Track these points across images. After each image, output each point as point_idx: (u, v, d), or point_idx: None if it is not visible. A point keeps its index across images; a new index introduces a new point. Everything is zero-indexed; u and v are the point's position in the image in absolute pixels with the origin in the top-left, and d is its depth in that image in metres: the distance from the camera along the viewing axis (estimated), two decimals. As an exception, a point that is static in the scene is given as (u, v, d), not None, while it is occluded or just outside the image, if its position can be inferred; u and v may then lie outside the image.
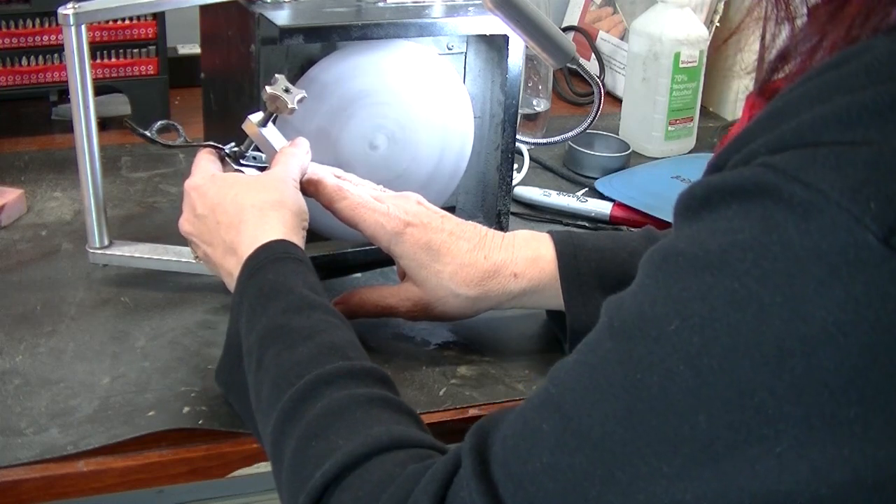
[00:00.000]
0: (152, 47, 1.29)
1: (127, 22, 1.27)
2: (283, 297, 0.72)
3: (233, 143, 0.92)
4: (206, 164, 0.89)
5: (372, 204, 0.85)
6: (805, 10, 0.52)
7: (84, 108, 0.90)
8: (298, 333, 0.69)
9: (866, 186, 0.41)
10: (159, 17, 1.29)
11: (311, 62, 0.97)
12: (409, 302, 0.86)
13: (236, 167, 0.91)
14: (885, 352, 0.40)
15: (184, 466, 0.77)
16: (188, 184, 0.86)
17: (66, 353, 0.87)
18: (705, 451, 0.44)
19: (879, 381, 0.41)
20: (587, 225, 1.18)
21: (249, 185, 0.83)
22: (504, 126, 1.04)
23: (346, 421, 0.62)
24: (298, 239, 0.79)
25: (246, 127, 0.89)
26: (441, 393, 0.84)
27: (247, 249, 0.77)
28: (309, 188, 0.87)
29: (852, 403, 0.41)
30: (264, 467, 0.79)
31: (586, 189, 1.25)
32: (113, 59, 1.27)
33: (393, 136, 1.00)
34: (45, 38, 1.24)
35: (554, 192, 1.21)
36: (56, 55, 1.25)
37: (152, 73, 1.31)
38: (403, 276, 0.89)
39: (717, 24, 1.47)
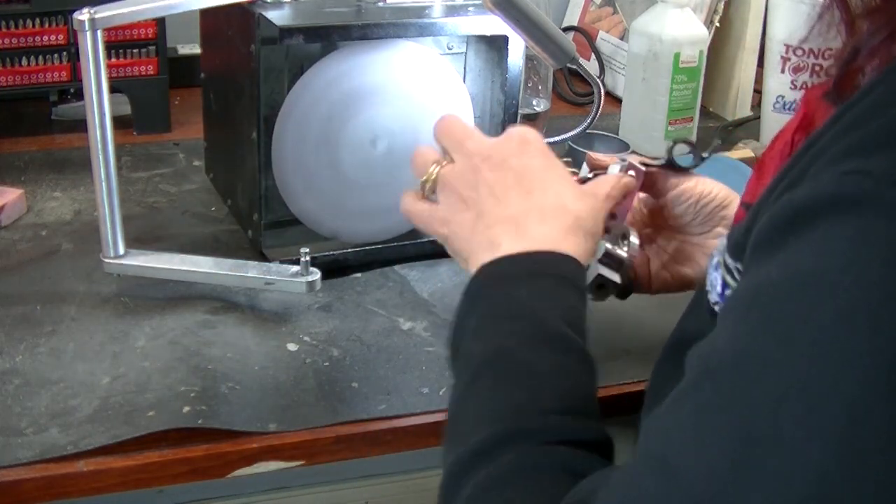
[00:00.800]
0: (152, 47, 1.30)
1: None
2: (533, 323, 0.63)
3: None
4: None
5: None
6: (866, 8, 0.51)
7: (100, 114, 0.89)
8: (529, 370, 0.61)
9: None
10: (159, 18, 1.29)
11: (311, 62, 0.97)
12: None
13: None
14: None
15: (184, 466, 0.77)
16: (471, 142, 0.73)
17: (66, 353, 0.87)
18: (822, 487, 0.41)
19: None
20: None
21: (559, 181, 0.72)
22: (504, 126, 1.04)
23: (528, 483, 0.55)
24: (579, 254, 0.69)
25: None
26: (441, 393, 0.85)
27: (525, 240, 0.66)
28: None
29: None
30: (264, 467, 0.79)
31: (586, 189, 1.25)
32: (113, 59, 1.27)
33: (393, 136, 1.00)
34: (45, 38, 1.24)
35: (554, 192, 1.21)
36: (56, 55, 1.25)
37: (152, 73, 1.31)
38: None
39: (717, 24, 1.47)
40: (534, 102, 1.39)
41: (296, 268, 0.94)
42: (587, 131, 1.05)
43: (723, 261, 0.59)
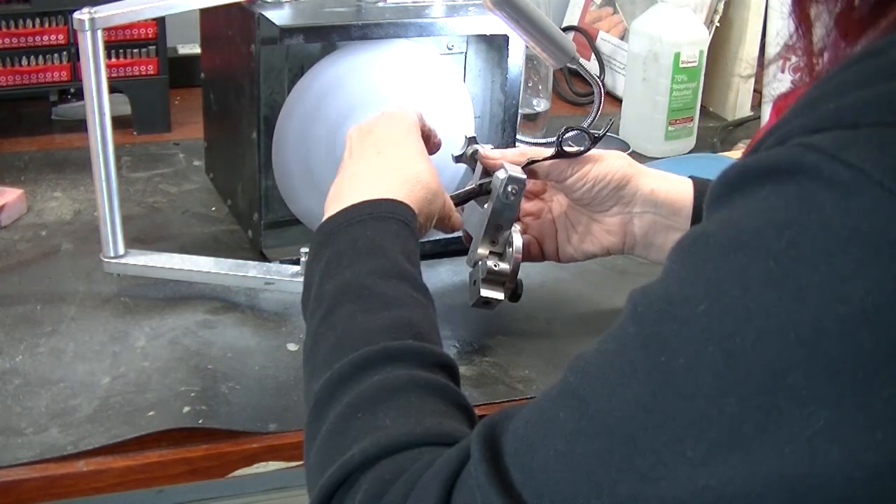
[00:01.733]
0: (152, 47, 1.30)
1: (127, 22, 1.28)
2: (376, 257, 0.71)
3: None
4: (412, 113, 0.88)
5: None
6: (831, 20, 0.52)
7: (100, 114, 0.89)
8: (378, 300, 0.68)
9: None
10: (159, 18, 1.29)
11: (311, 62, 0.97)
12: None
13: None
14: None
15: (184, 466, 0.77)
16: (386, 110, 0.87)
17: (66, 353, 0.87)
18: (733, 435, 0.42)
19: None
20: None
21: (409, 149, 0.83)
22: (504, 126, 1.04)
23: (397, 403, 0.60)
24: (416, 206, 0.78)
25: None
26: (441, 393, 0.84)
27: (365, 191, 0.77)
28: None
29: (887, 385, 0.40)
30: (264, 467, 0.79)
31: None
32: (113, 59, 1.27)
33: (393, 136, 1.00)
34: (45, 38, 1.24)
35: (554, 192, 1.21)
36: (56, 55, 1.25)
37: (152, 73, 1.31)
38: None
39: (718, 24, 1.47)
40: (534, 102, 1.39)
41: (296, 268, 0.94)
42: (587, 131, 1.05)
43: None
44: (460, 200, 0.89)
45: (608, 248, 0.91)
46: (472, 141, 0.92)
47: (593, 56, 1.59)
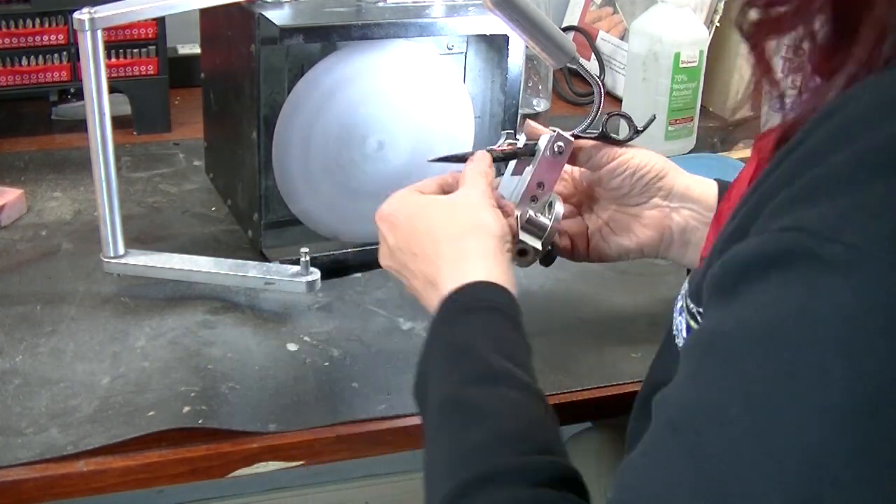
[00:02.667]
0: (152, 47, 1.29)
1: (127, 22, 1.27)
2: (465, 363, 0.66)
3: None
4: (404, 191, 0.82)
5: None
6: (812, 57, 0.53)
7: (100, 114, 0.89)
8: (473, 413, 0.62)
9: None
10: (159, 18, 1.29)
11: (311, 62, 0.97)
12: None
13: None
14: None
15: (184, 466, 0.77)
16: (377, 214, 0.81)
17: (66, 353, 0.87)
18: None
19: None
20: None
21: (441, 212, 0.77)
22: (504, 126, 1.04)
23: None
24: (501, 265, 0.74)
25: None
26: (441, 393, 0.84)
27: (446, 285, 0.71)
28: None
29: None
30: (264, 467, 0.79)
31: (586, 189, 1.25)
32: (113, 59, 1.27)
33: (393, 136, 1.00)
34: (45, 38, 1.24)
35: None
36: (56, 55, 1.25)
37: (152, 73, 1.31)
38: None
39: (717, 24, 1.47)
40: (534, 102, 1.39)
41: (296, 268, 0.94)
42: (587, 131, 1.04)
43: (685, 305, 0.60)
44: (504, 158, 0.88)
45: (644, 243, 0.88)
46: (510, 136, 0.91)
47: (593, 56, 1.58)
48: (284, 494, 0.87)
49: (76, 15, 0.86)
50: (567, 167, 0.90)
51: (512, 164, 0.88)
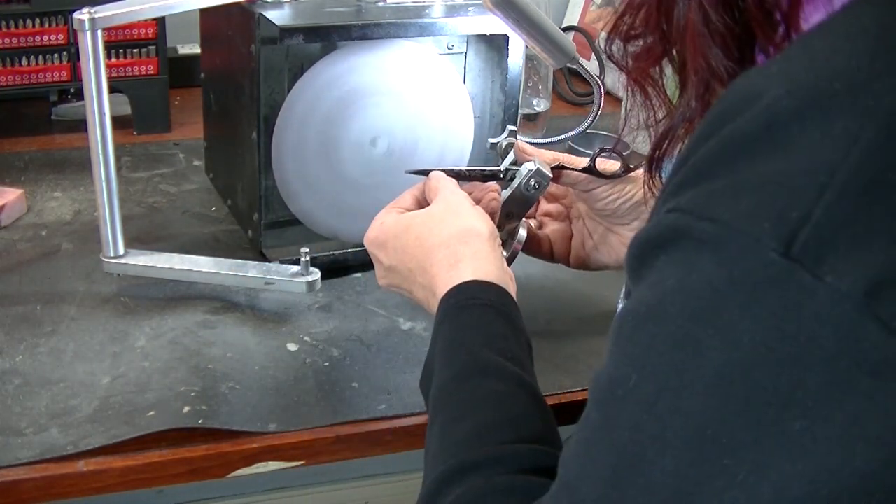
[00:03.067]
0: (152, 47, 1.29)
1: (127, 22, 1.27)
2: (456, 358, 0.69)
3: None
4: (384, 212, 0.85)
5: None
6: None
7: (99, 114, 0.89)
8: (460, 407, 0.66)
9: (759, 209, 0.43)
10: (159, 18, 1.29)
11: (311, 62, 0.97)
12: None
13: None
14: (810, 359, 0.42)
15: (184, 466, 0.77)
16: (366, 240, 0.84)
17: (66, 353, 0.87)
18: (676, 496, 0.45)
19: (815, 389, 0.42)
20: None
21: (426, 224, 0.80)
22: (504, 126, 1.04)
23: None
24: (493, 262, 0.76)
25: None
26: (441, 393, 0.84)
27: (443, 291, 0.74)
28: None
29: (796, 417, 0.42)
30: (264, 467, 0.79)
31: (586, 189, 1.25)
32: (113, 59, 1.27)
33: (393, 136, 1.00)
34: (45, 38, 1.24)
35: (554, 192, 1.21)
36: (56, 55, 1.25)
37: (152, 73, 1.31)
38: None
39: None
40: (534, 102, 1.39)
41: (296, 268, 0.94)
42: (587, 131, 1.05)
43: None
44: (482, 178, 0.89)
45: (623, 261, 0.89)
46: (512, 133, 0.92)
47: (593, 56, 1.58)
48: (284, 494, 0.87)
49: (76, 15, 0.86)
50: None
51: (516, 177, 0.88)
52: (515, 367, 0.68)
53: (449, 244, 0.77)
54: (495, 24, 0.94)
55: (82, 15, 0.86)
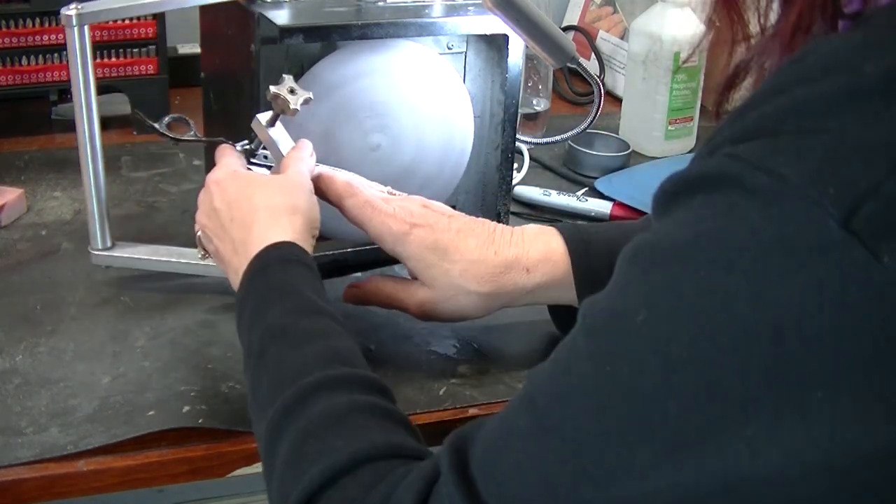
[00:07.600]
0: (152, 47, 1.29)
1: (127, 22, 1.27)
2: (290, 298, 0.72)
3: (245, 141, 0.92)
4: (230, 158, 0.88)
5: (379, 204, 0.85)
6: (759, 30, 0.56)
7: (87, 110, 0.89)
8: (304, 335, 0.69)
9: (825, 172, 0.41)
10: (159, 17, 1.29)
11: (311, 62, 0.97)
12: (417, 300, 0.85)
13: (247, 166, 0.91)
14: (848, 334, 0.41)
15: (184, 466, 0.77)
16: (210, 177, 0.85)
17: (66, 353, 0.87)
18: (677, 440, 0.44)
19: (844, 363, 0.41)
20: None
21: (266, 186, 0.82)
22: (504, 126, 1.04)
23: (345, 425, 0.62)
24: (308, 245, 0.79)
25: (254, 126, 0.89)
26: (441, 392, 0.85)
27: (255, 249, 0.76)
28: (319, 184, 0.86)
29: (819, 386, 0.41)
30: (264, 467, 0.79)
31: (586, 189, 1.25)
32: (113, 59, 1.27)
33: (393, 136, 1.00)
34: (45, 37, 1.24)
35: (554, 192, 1.21)
36: (56, 55, 1.25)
37: (152, 72, 1.31)
38: (414, 277, 0.88)
39: (718, 24, 1.47)
40: (534, 102, 1.39)
41: (296, 267, 0.94)
42: (587, 131, 1.05)
43: None
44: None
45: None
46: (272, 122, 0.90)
47: (593, 56, 1.59)
48: (284, 494, 0.87)
49: (63, 11, 0.86)
50: None
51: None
52: (339, 317, 0.72)
53: (275, 212, 0.79)
54: (495, 23, 0.94)
55: (69, 10, 0.86)
